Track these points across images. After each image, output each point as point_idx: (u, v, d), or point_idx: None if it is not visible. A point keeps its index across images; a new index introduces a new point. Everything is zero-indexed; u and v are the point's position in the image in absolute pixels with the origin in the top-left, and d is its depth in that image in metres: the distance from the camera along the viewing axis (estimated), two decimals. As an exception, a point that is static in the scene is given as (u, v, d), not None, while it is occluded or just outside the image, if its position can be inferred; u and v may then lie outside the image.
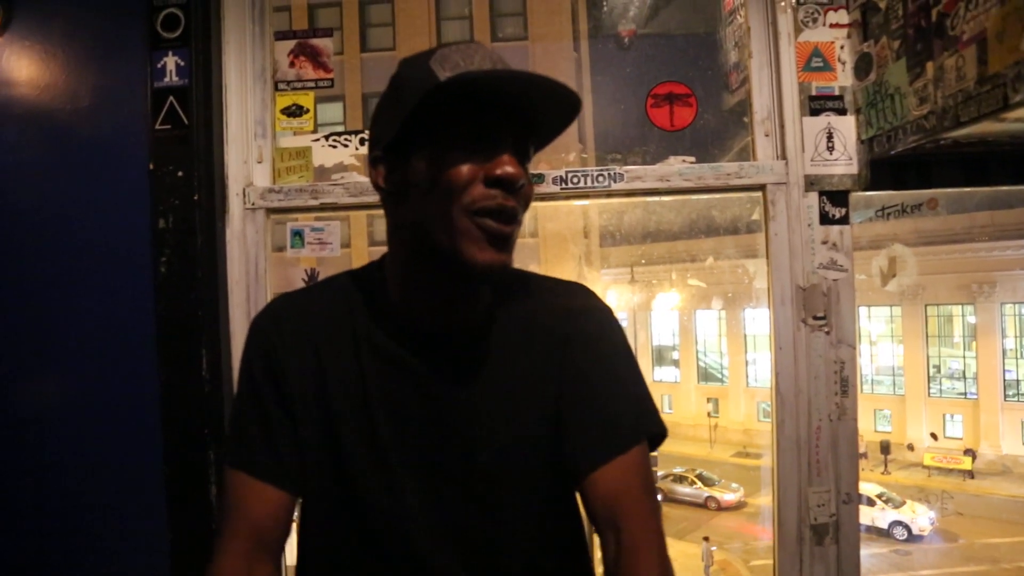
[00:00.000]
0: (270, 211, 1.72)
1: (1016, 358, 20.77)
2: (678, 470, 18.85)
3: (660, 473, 18.51)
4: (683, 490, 18.05)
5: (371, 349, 0.94)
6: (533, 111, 0.87)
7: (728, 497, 17.83)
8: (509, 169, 0.85)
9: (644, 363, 26.00)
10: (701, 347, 26.48)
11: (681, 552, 15.04)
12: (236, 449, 0.96)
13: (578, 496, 0.98)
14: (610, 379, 0.97)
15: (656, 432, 0.97)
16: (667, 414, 25.81)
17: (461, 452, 0.92)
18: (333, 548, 0.95)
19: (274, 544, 0.94)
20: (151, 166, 1.64)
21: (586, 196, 1.69)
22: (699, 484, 18.13)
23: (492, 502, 0.93)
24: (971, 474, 19.24)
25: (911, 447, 20.95)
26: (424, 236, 0.88)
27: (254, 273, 1.69)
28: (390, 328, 0.95)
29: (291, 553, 1.09)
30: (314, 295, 1.02)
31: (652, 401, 0.99)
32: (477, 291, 0.95)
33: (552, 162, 1.69)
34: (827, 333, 1.62)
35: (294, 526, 1.00)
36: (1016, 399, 20.53)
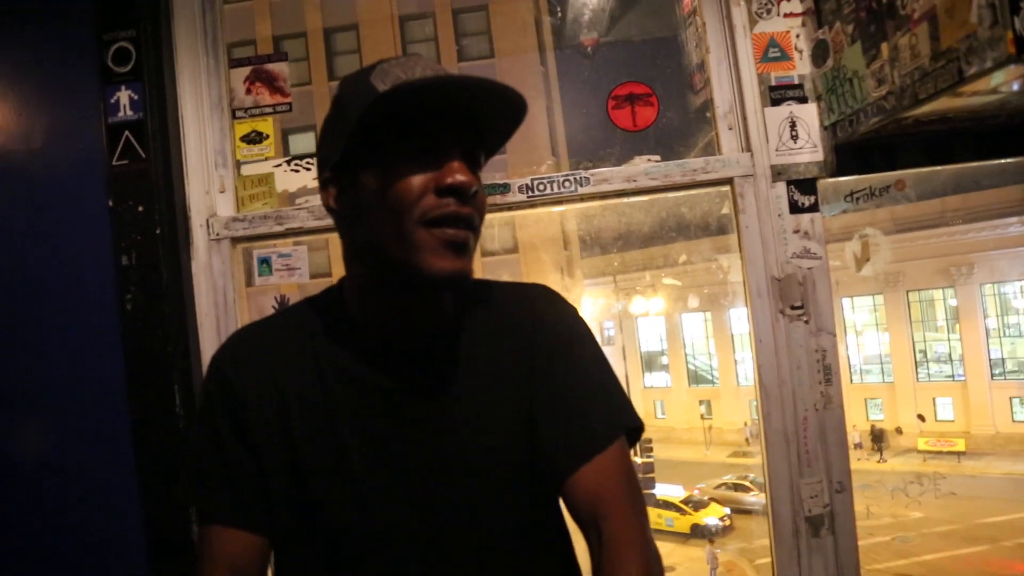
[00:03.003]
0: (235, 240, 1.69)
1: (999, 337, 21.02)
2: (728, 478, 17.99)
3: (712, 483, 17.69)
4: (748, 499, 16.85)
5: (337, 372, 0.92)
6: (480, 117, 0.86)
7: (792, 502, 16.97)
8: (460, 177, 0.83)
9: (633, 370, 26.05)
10: (690, 350, 26.57)
11: (685, 556, 14.99)
12: (201, 501, 0.94)
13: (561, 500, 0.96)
14: (580, 379, 0.95)
15: (632, 426, 0.95)
16: (660, 419, 25.83)
17: (437, 468, 0.90)
18: None
19: None
20: (110, 202, 1.61)
21: (554, 203, 1.67)
22: (756, 491, 16.71)
23: (473, 516, 0.90)
24: (962, 455, 19.38)
25: (899, 430, 21.09)
26: (381, 253, 0.86)
27: (223, 304, 1.66)
28: (354, 349, 0.93)
29: None
30: (273, 325, 1.00)
31: (625, 396, 0.97)
32: (439, 303, 0.94)
33: (526, 176, 1.67)
34: (806, 322, 1.61)
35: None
36: (1003, 377, 20.75)
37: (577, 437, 0.91)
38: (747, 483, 17.35)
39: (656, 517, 16.11)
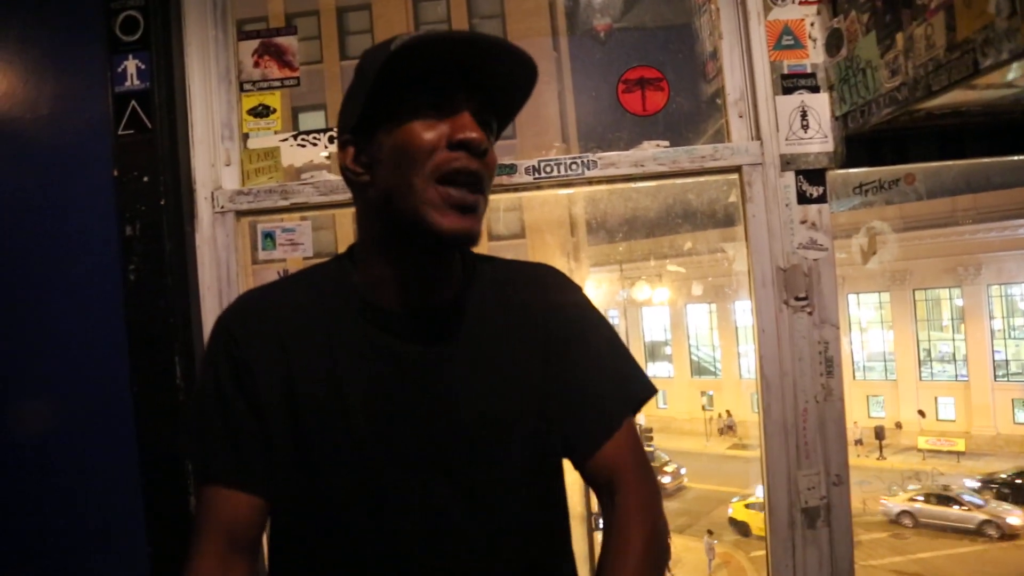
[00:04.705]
0: (240, 214, 1.68)
1: (1004, 339, 20.94)
2: (914, 487, 14.74)
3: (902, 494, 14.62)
4: (952, 514, 13.83)
5: (344, 337, 0.92)
6: (492, 81, 0.88)
7: (1013, 521, 13.41)
8: (472, 133, 0.85)
9: (636, 359, 26.03)
10: (693, 341, 26.56)
11: (683, 546, 15.04)
12: (201, 456, 0.94)
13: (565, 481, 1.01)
14: (594, 364, 0.99)
15: (644, 399, 1.01)
16: (662, 409, 25.83)
17: (444, 434, 0.91)
18: (307, 548, 0.92)
19: (249, 544, 0.93)
20: (115, 172, 1.60)
21: (560, 185, 1.66)
22: (966, 505, 14.26)
23: (477, 487, 0.91)
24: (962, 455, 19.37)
25: (899, 425, 21.09)
26: (391, 210, 0.88)
27: (226, 278, 1.66)
28: (363, 314, 0.93)
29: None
30: (281, 289, 1.01)
31: (636, 366, 1.03)
32: (448, 267, 0.95)
33: (533, 158, 1.66)
34: (809, 314, 1.60)
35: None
36: (1006, 379, 20.69)
37: (595, 423, 0.97)
38: (952, 494, 14.08)
39: (761, 522, 15.66)
